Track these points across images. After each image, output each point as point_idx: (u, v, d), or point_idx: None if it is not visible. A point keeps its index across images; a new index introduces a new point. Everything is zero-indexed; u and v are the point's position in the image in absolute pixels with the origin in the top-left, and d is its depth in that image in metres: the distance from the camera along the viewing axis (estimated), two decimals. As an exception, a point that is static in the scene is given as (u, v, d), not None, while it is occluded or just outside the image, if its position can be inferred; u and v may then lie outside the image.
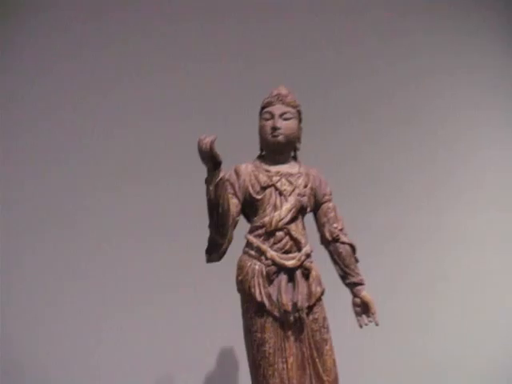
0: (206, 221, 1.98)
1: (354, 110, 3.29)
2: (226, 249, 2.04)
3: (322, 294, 2.09)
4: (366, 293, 2.14)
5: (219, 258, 2.05)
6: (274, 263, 2.04)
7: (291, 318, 2.02)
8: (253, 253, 2.07)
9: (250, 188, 2.11)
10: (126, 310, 2.95)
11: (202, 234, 2.03)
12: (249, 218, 2.18)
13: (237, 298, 2.10)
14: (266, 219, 2.07)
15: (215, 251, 2.03)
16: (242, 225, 2.16)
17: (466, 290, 3.15)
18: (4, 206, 2.99)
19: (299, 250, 2.07)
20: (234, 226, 2.07)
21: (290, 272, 2.06)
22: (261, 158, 2.21)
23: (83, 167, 3.11)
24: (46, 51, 3.15)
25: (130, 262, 3.01)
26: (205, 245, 2.04)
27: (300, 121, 2.22)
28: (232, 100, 3.14)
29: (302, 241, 2.09)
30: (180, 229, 3.01)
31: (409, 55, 3.36)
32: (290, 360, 2.01)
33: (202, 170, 1.92)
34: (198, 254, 2.06)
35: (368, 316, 2.13)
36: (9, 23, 3.09)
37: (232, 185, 2.10)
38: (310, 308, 2.05)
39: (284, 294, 2.02)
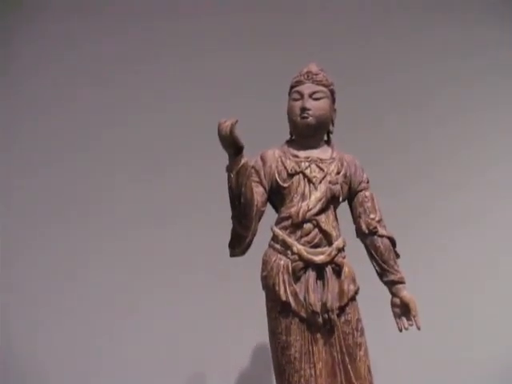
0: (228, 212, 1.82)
1: (405, 100, 3.08)
2: (251, 242, 1.87)
3: (356, 293, 1.89)
4: (406, 292, 1.92)
5: (243, 253, 1.89)
6: (301, 258, 1.85)
7: (320, 320, 1.82)
8: (278, 247, 1.89)
9: (277, 175, 1.92)
10: (133, 309, 2.83)
11: (226, 227, 1.87)
12: (276, 209, 1.99)
13: (263, 296, 1.92)
14: (293, 210, 1.88)
15: (239, 245, 1.87)
16: (271, 216, 1.97)
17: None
18: (4, 204, 2.93)
19: (330, 243, 1.88)
20: (260, 217, 1.90)
21: (320, 268, 1.86)
22: (290, 142, 2.02)
23: (83, 161, 3.00)
24: (45, 41, 3.07)
25: (138, 258, 2.88)
26: (228, 238, 1.88)
27: (333, 101, 2.01)
28: (258, 80, 2.95)
29: (333, 234, 1.88)
30: (199, 221, 2.86)
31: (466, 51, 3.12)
32: (319, 366, 1.82)
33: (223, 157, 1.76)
34: (222, 248, 1.90)
35: (408, 319, 1.91)
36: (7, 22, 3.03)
37: (257, 172, 1.93)
38: (342, 308, 1.85)
39: (312, 292, 1.83)
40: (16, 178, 2.94)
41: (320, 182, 1.90)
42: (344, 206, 2.02)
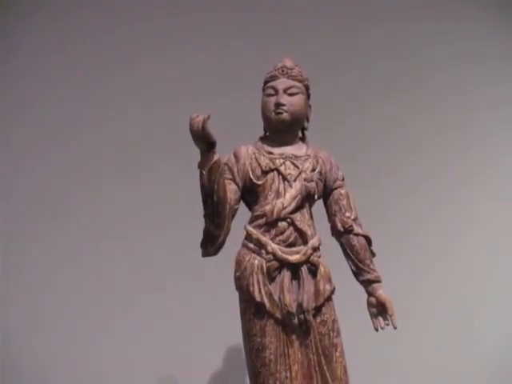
0: (201, 210, 1.76)
1: (379, 93, 3.06)
2: (224, 241, 1.81)
3: (332, 292, 1.85)
4: (382, 291, 1.88)
5: (216, 252, 1.82)
6: (276, 258, 1.79)
7: (295, 321, 1.77)
8: (252, 246, 1.83)
9: (251, 172, 1.87)
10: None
11: (198, 226, 1.81)
12: (250, 207, 1.94)
13: (236, 297, 1.87)
14: (267, 208, 1.83)
15: (211, 244, 1.80)
16: (244, 214, 1.92)
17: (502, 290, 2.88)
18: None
19: (305, 242, 1.83)
20: (233, 216, 1.84)
21: (295, 268, 1.81)
22: (264, 139, 1.97)
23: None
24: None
25: (123, 259, 2.83)
26: (200, 237, 1.82)
27: (308, 97, 1.97)
28: (232, 75, 2.90)
29: (309, 232, 1.84)
30: (173, 221, 2.81)
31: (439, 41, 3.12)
32: (295, 368, 1.77)
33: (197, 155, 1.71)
34: (194, 248, 1.85)
35: (385, 318, 1.88)
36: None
37: (230, 169, 1.87)
38: (318, 309, 1.80)
39: (287, 293, 1.78)
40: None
41: (295, 179, 1.86)
42: (319, 204, 1.98)
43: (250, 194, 1.90)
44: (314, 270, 1.83)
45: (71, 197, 2.91)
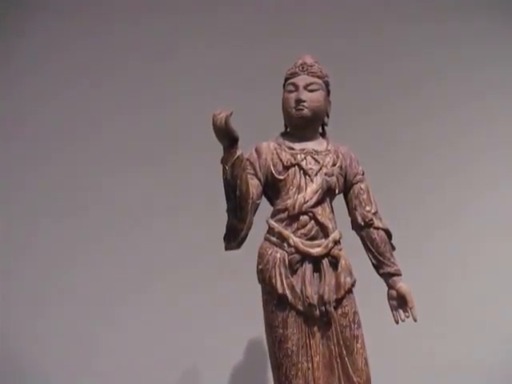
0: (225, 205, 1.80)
1: (405, 89, 3.06)
2: (246, 235, 1.84)
3: (353, 285, 1.88)
4: (402, 284, 1.91)
5: (239, 246, 1.86)
6: (298, 251, 1.83)
7: (317, 313, 1.81)
8: (274, 239, 1.87)
9: (272, 168, 1.91)
10: (123, 309, 2.80)
11: (220, 221, 1.85)
12: (272, 201, 1.97)
13: (259, 289, 1.90)
14: (289, 202, 1.87)
15: (234, 238, 1.84)
16: (267, 209, 1.96)
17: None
18: (3, 201, 2.90)
19: (326, 236, 1.86)
20: (255, 210, 1.88)
21: (316, 261, 1.85)
22: (285, 134, 2.00)
23: (82, 158, 2.96)
24: (45, 38, 3.04)
25: (123, 259, 2.85)
26: (223, 231, 1.86)
27: (328, 93, 2.00)
28: (253, 72, 2.92)
29: (330, 226, 1.87)
30: (195, 214, 2.83)
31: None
32: (316, 359, 1.81)
33: (217, 150, 1.75)
34: (217, 242, 1.88)
35: (405, 311, 1.90)
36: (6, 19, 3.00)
37: (252, 164, 1.91)
38: (339, 301, 1.84)
39: (309, 285, 1.82)
40: (15, 174, 2.91)
41: (316, 174, 1.89)
42: (339, 199, 2.00)
43: (272, 188, 1.93)
44: (335, 263, 1.86)
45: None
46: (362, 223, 1.94)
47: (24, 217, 2.89)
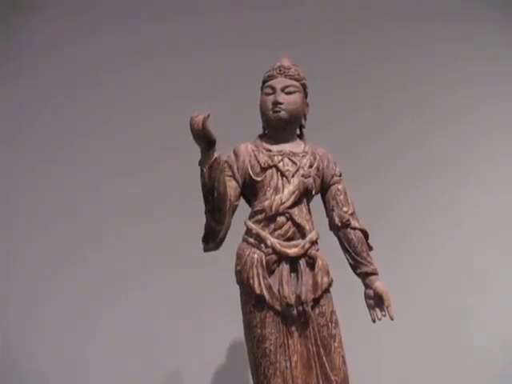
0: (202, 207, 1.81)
1: (376, 90, 3.08)
2: (224, 236, 1.86)
3: (330, 285, 1.90)
4: (379, 283, 1.93)
5: (217, 247, 1.88)
6: (275, 251, 1.85)
7: (294, 312, 1.83)
8: (252, 240, 1.89)
9: (250, 169, 1.93)
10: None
11: (199, 222, 1.86)
12: (250, 203, 1.99)
13: (237, 290, 1.92)
14: (266, 203, 1.89)
15: (212, 239, 1.86)
16: (245, 210, 1.98)
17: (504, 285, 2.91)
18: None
19: (303, 236, 1.88)
20: (233, 212, 1.90)
21: (293, 261, 1.87)
22: (263, 136, 2.02)
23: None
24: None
25: (123, 258, 2.86)
26: (201, 233, 1.87)
27: (306, 95, 2.03)
28: (231, 75, 2.94)
29: (307, 227, 1.89)
30: (175, 216, 2.85)
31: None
32: (294, 358, 1.83)
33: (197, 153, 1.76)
34: (196, 243, 1.89)
35: (382, 309, 1.92)
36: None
37: (230, 166, 1.93)
38: (316, 301, 1.86)
39: (286, 285, 1.83)
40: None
41: (293, 175, 1.91)
42: (317, 200, 2.03)
43: (250, 190, 1.95)
44: (312, 263, 1.88)
45: (71, 196, 2.92)
46: (340, 224, 1.96)
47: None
